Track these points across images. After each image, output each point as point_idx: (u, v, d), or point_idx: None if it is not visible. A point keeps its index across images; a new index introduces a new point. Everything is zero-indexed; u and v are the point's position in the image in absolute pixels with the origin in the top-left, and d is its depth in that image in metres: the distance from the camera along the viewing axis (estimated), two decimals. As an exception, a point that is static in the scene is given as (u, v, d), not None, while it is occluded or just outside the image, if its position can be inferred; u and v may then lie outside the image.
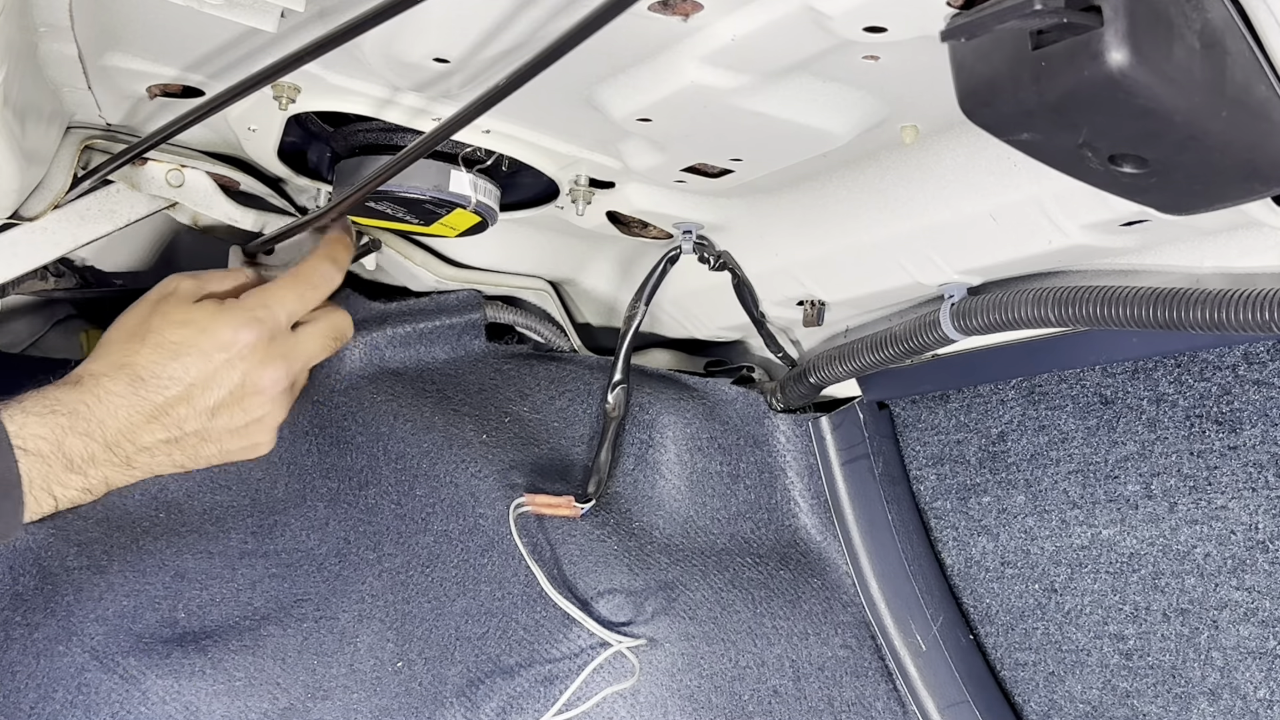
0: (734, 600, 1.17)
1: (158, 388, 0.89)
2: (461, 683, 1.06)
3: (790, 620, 1.19)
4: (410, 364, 1.25)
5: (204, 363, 0.90)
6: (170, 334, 0.91)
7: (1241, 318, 0.80)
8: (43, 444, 0.83)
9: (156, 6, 0.77)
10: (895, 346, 1.07)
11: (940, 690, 1.22)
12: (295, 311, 0.98)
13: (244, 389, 0.93)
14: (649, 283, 1.11)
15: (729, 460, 1.24)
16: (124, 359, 0.89)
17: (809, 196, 1.04)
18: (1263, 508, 0.99)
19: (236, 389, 0.92)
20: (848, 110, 0.84)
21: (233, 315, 0.93)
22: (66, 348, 1.23)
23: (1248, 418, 0.99)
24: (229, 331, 0.92)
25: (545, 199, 1.10)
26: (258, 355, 0.93)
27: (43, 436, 0.83)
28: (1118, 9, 0.58)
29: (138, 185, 1.08)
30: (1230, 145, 0.65)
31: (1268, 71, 0.65)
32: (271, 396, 0.95)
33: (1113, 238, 0.89)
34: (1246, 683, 1.03)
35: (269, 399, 0.95)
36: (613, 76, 0.83)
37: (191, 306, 0.93)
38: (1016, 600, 1.19)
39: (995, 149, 0.88)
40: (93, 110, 0.99)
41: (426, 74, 0.85)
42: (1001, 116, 0.67)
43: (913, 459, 1.27)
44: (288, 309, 0.97)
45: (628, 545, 1.15)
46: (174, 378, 0.90)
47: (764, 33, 0.73)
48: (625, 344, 1.12)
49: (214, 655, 1.03)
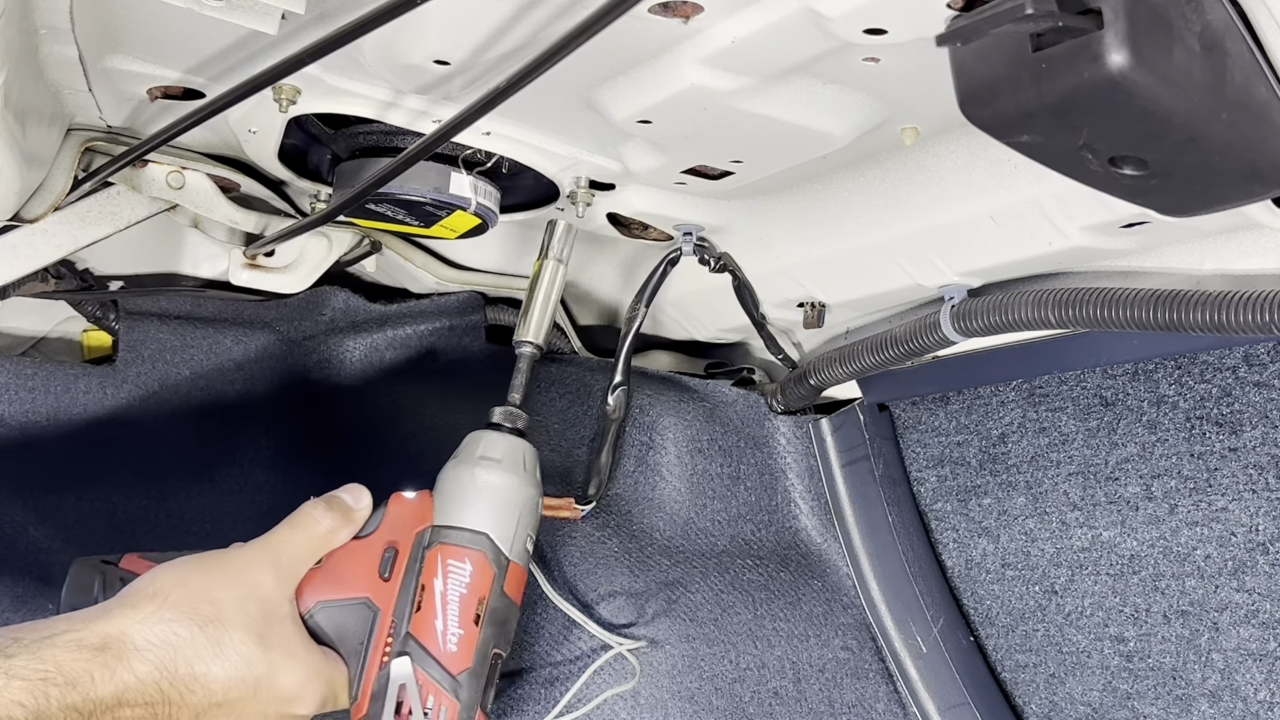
0: (735, 602, 1.17)
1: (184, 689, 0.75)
2: (462, 684, 1.06)
3: (791, 622, 1.19)
4: (411, 366, 1.25)
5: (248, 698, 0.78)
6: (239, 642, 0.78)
7: (1242, 319, 0.80)
8: (18, 712, 0.68)
9: (157, 9, 0.77)
10: (896, 348, 1.07)
11: (941, 692, 1.22)
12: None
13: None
14: (649, 284, 1.12)
15: (729, 462, 1.24)
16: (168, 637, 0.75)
17: (809, 198, 1.04)
18: (1263, 509, 0.99)
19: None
20: (848, 112, 0.84)
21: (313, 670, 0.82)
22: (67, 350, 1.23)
23: (1248, 419, 0.99)
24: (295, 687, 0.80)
25: (545, 201, 1.10)
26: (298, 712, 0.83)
27: (21, 704, 0.68)
28: (1118, 11, 0.58)
29: (138, 187, 1.08)
30: (1230, 147, 0.65)
31: (1268, 73, 0.65)
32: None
33: (1113, 239, 0.89)
34: (1247, 684, 1.03)
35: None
36: (613, 78, 0.83)
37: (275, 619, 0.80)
38: (1017, 602, 1.19)
39: (995, 151, 0.88)
40: (93, 112, 0.99)
41: (427, 76, 0.85)
42: (1001, 118, 0.67)
43: (913, 461, 1.27)
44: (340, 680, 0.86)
45: (628, 547, 1.15)
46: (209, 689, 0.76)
47: (764, 35, 0.73)
48: (626, 346, 1.12)
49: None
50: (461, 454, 0.91)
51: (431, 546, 0.87)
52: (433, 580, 0.86)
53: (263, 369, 1.21)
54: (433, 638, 0.85)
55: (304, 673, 0.80)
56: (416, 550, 0.87)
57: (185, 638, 0.75)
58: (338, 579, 0.85)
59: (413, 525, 0.88)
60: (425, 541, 0.87)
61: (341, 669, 0.84)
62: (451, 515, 0.88)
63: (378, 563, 0.87)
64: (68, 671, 0.70)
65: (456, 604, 0.86)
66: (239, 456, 1.19)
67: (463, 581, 0.86)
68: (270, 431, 1.20)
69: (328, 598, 0.85)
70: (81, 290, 1.16)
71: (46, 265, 1.07)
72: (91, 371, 1.15)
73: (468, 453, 0.90)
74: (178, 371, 1.18)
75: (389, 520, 0.88)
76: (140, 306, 1.18)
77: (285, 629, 0.80)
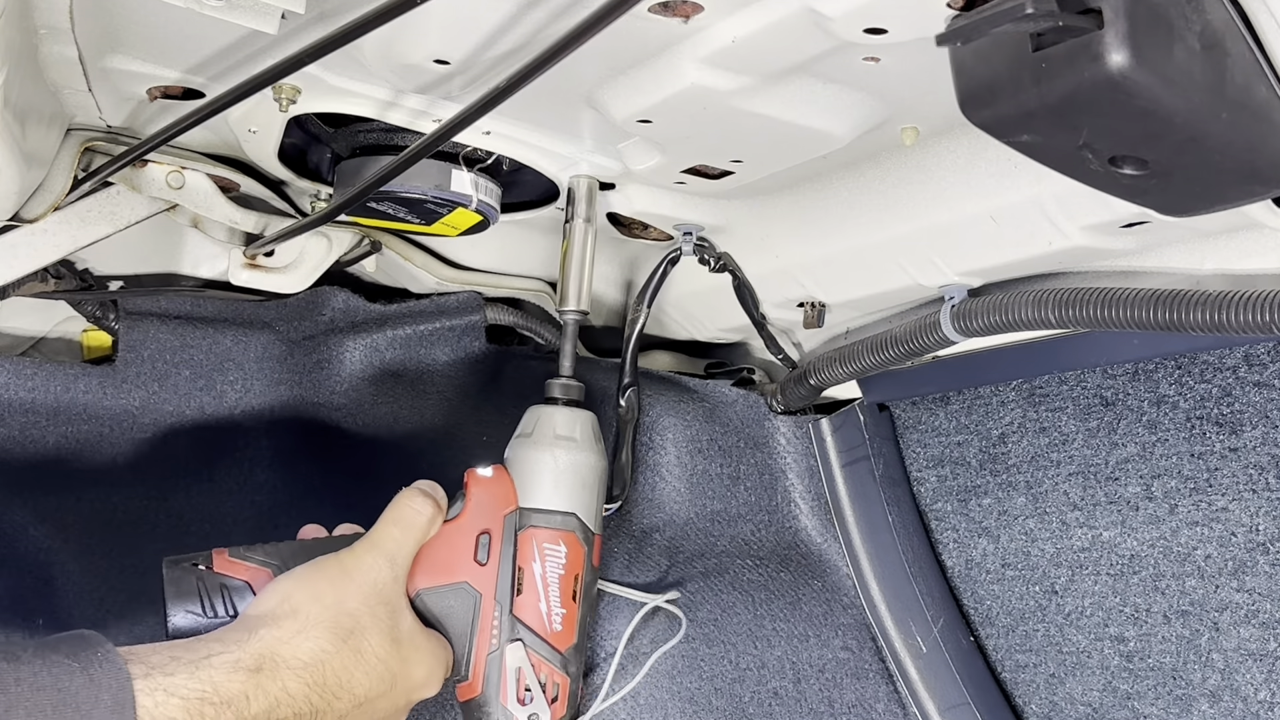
0: (734, 602, 1.17)
1: (331, 696, 0.79)
2: (462, 684, 1.06)
3: (791, 622, 1.19)
4: (411, 366, 1.25)
5: (386, 694, 0.83)
6: (375, 645, 0.82)
7: (1242, 319, 0.80)
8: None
9: (157, 9, 0.77)
10: (896, 348, 1.07)
11: (941, 692, 1.22)
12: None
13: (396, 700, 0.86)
14: (650, 284, 1.12)
15: (729, 462, 1.24)
16: (317, 654, 0.79)
17: (809, 198, 1.04)
18: (1263, 509, 0.99)
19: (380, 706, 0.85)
20: (848, 112, 0.84)
21: (437, 657, 0.88)
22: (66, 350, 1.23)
23: (1248, 419, 0.99)
24: (423, 675, 0.86)
25: (546, 200, 1.10)
26: (420, 696, 0.88)
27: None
28: (1118, 11, 0.58)
29: (138, 187, 1.08)
30: (1230, 147, 0.65)
31: (1268, 73, 0.65)
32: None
33: (1113, 239, 0.89)
34: (1247, 684, 1.03)
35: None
36: (613, 78, 0.83)
37: (400, 615, 0.85)
38: (1017, 602, 1.19)
39: (995, 150, 0.88)
40: (93, 112, 0.99)
41: (427, 76, 0.85)
42: (1002, 118, 0.67)
43: (913, 461, 1.27)
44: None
45: (628, 547, 1.15)
46: (353, 693, 0.80)
47: (764, 34, 0.73)
48: (631, 346, 1.12)
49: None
50: (535, 434, 0.96)
51: (524, 529, 0.94)
52: (530, 564, 0.93)
53: (263, 369, 1.21)
54: (539, 619, 0.93)
55: (429, 660, 0.86)
56: (509, 534, 0.93)
57: (331, 652, 0.79)
58: (438, 566, 0.90)
59: (499, 508, 0.93)
60: (516, 524, 0.93)
61: (449, 650, 0.90)
62: (539, 498, 0.94)
63: (473, 548, 0.91)
64: (224, 692, 0.72)
65: (556, 584, 0.94)
66: (239, 456, 1.19)
67: (559, 563, 0.94)
68: (270, 431, 1.20)
69: (430, 584, 0.90)
70: (81, 290, 1.16)
71: (46, 265, 1.07)
72: (91, 371, 1.15)
73: (541, 433, 0.96)
74: (178, 371, 1.17)
75: (474, 503, 0.93)
76: (140, 306, 1.18)
77: (408, 623, 0.86)
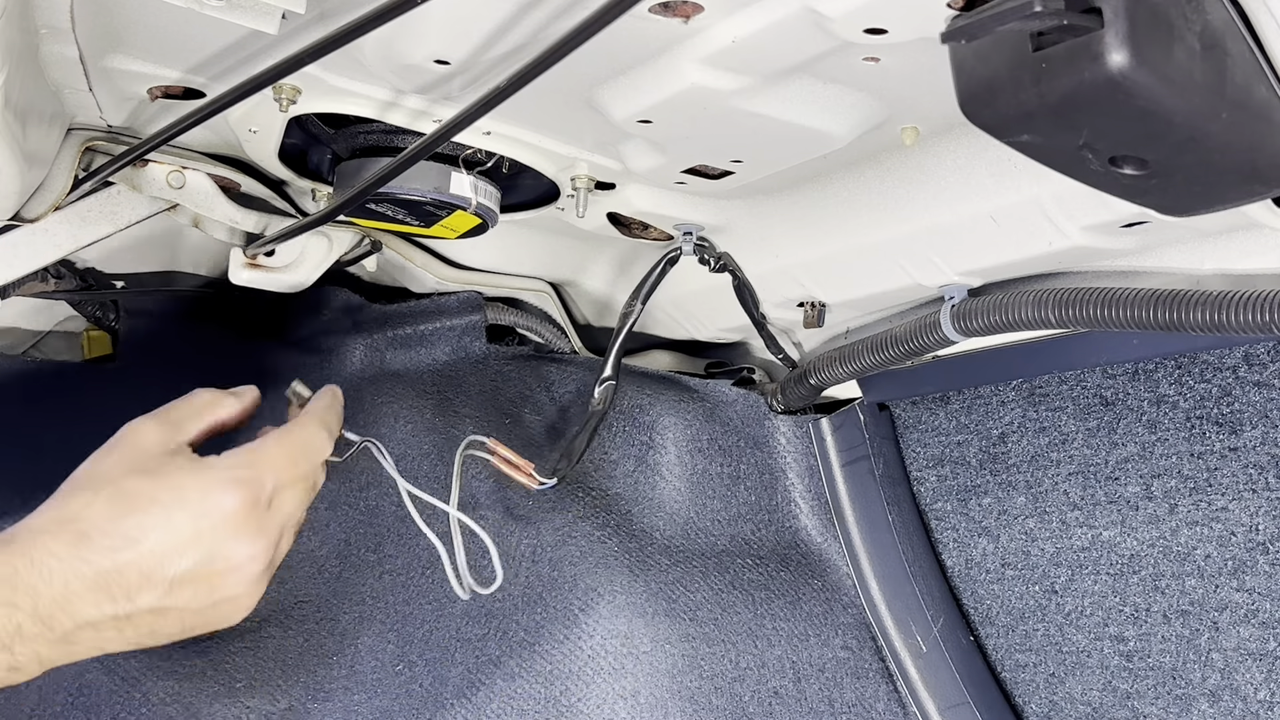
0: (734, 601, 1.17)
1: (106, 549, 0.71)
2: (462, 684, 1.06)
3: (791, 621, 1.19)
4: (411, 366, 1.25)
5: (166, 524, 0.73)
6: (129, 484, 0.74)
7: (1242, 319, 0.80)
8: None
9: (157, 9, 0.77)
10: (896, 348, 1.07)
11: (941, 692, 1.22)
12: (284, 481, 0.80)
13: (214, 564, 0.75)
14: (647, 282, 1.11)
15: (729, 462, 1.24)
16: (70, 512, 0.73)
17: (809, 198, 1.04)
18: (1263, 509, 0.99)
19: (204, 562, 0.75)
20: (848, 112, 0.84)
21: (209, 474, 0.76)
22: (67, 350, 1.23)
23: (1248, 419, 0.99)
24: (200, 494, 0.75)
25: (546, 200, 1.10)
26: (232, 525, 0.75)
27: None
28: (1118, 10, 0.58)
29: (139, 187, 1.08)
30: (1230, 147, 0.65)
31: (1268, 73, 0.65)
32: (249, 575, 0.77)
33: (1113, 239, 0.89)
34: (1247, 684, 1.03)
35: (245, 578, 0.77)
36: (613, 78, 0.83)
37: (160, 456, 0.77)
38: (1017, 601, 1.19)
39: (995, 150, 0.88)
40: (94, 112, 0.99)
41: (427, 76, 0.85)
42: (1002, 118, 0.67)
43: (913, 460, 1.27)
44: (276, 475, 0.79)
45: (628, 547, 1.15)
46: (127, 537, 0.72)
47: (765, 34, 0.73)
48: (618, 342, 1.11)
49: (214, 657, 1.03)
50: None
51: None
52: None
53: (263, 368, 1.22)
54: None
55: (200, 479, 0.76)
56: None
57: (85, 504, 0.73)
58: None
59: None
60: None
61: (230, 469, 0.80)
62: None
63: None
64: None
65: None
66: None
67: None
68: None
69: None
70: (82, 290, 1.16)
71: (47, 265, 1.07)
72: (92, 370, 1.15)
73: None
74: (178, 371, 1.18)
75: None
76: (140, 306, 1.18)
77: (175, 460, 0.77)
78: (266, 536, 0.77)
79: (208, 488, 0.75)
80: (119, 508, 0.73)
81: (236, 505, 0.75)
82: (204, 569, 0.74)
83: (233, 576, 0.76)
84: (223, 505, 0.75)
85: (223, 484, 0.76)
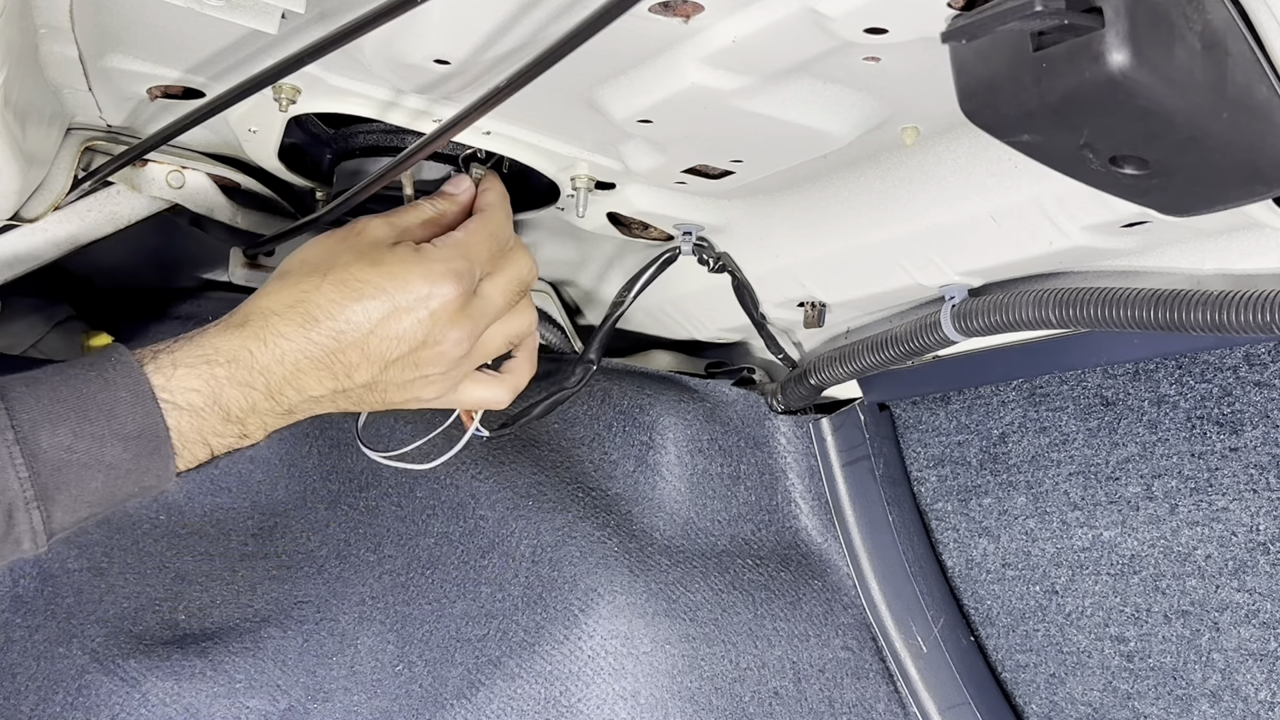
0: (735, 602, 1.17)
1: (332, 332, 0.79)
2: (462, 684, 1.06)
3: (791, 622, 1.19)
4: (411, 365, 1.24)
5: (388, 309, 0.80)
6: (355, 271, 0.80)
7: (1242, 319, 0.80)
8: (195, 397, 0.75)
9: (157, 8, 0.77)
10: (896, 348, 1.06)
11: (941, 692, 1.22)
12: (488, 265, 0.86)
13: (425, 346, 0.82)
14: (640, 277, 1.11)
15: (730, 462, 1.24)
16: (299, 295, 0.79)
17: (810, 198, 1.04)
18: (1264, 509, 0.99)
19: (418, 346, 0.82)
20: (848, 112, 0.84)
21: (431, 265, 0.82)
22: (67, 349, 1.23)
23: (1249, 419, 0.99)
24: (424, 284, 0.81)
25: (546, 200, 1.10)
26: (448, 313, 0.82)
27: (195, 389, 0.75)
28: (1119, 10, 0.58)
29: (138, 186, 1.08)
30: (1231, 146, 0.65)
31: (1269, 72, 0.64)
32: (451, 359, 0.84)
33: (1114, 239, 0.89)
34: (1247, 684, 1.03)
35: (448, 361, 0.83)
36: (613, 78, 0.83)
37: (385, 248, 0.82)
38: (1017, 602, 1.19)
39: (996, 150, 0.88)
40: (93, 111, 0.99)
41: (427, 76, 0.85)
42: (1002, 118, 0.67)
43: (914, 460, 1.27)
44: (484, 261, 0.85)
45: (628, 547, 1.15)
46: (352, 322, 0.79)
47: (765, 34, 0.73)
48: (604, 328, 1.11)
49: (214, 657, 1.03)
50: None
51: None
52: None
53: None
54: None
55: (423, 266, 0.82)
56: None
57: (310, 289, 0.79)
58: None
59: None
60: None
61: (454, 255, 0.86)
62: None
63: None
64: (226, 350, 0.76)
65: None
66: (239, 456, 1.19)
67: None
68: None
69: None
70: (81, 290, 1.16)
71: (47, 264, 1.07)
72: (91, 371, 1.15)
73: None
74: None
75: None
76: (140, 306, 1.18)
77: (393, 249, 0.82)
78: (473, 322, 0.84)
79: (431, 277, 0.81)
80: (346, 293, 0.79)
81: (454, 294, 0.82)
82: (415, 349, 0.81)
83: (436, 357, 0.83)
84: (444, 293, 0.81)
85: (444, 275, 0.81)
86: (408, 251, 0.82)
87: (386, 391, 0.84)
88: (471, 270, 0.84)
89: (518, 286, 0.89)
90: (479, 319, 0.85)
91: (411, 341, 0.81)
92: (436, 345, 0.82)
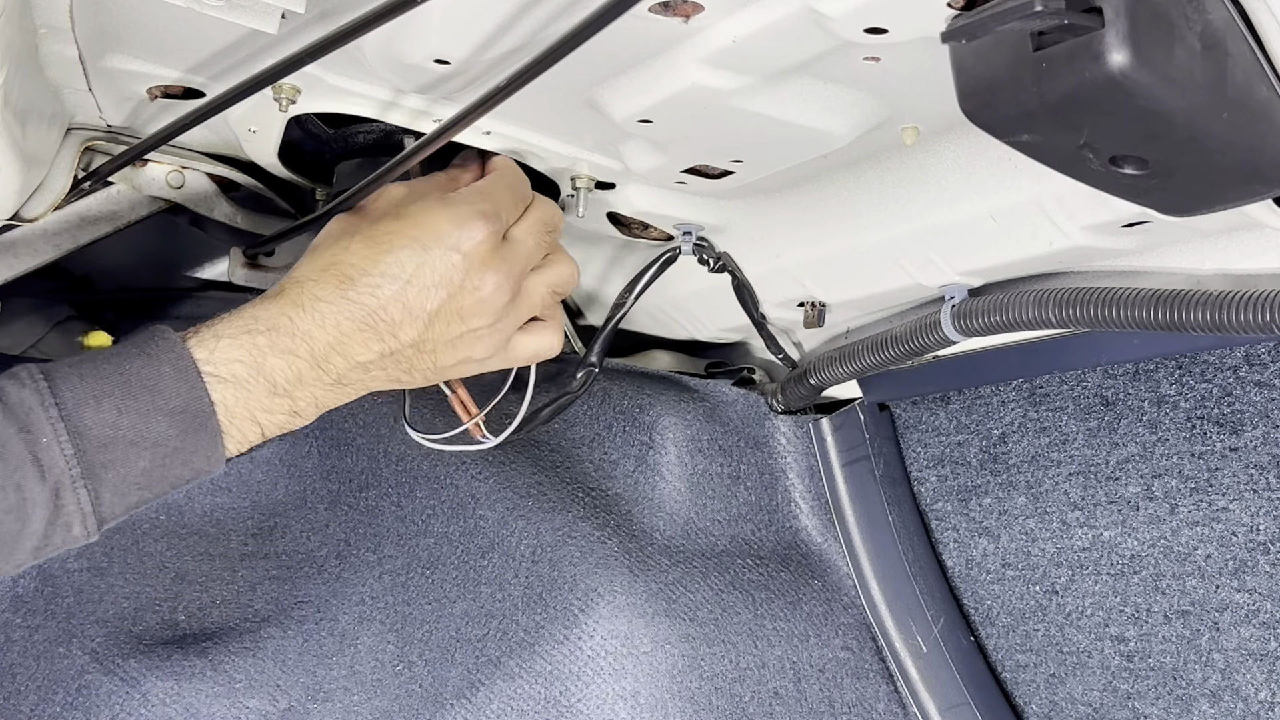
0: (735, 602, 1.17)
1: (369, 287, 0.78)
2: (462, 684, 1.06)
3: (791, 622, 1.19)
4: (411, 365, 1.25)
5: (421, 256, 0.79)
6: (382, 226, 0.80)
7: (1243, 319, 0.80)
8: (239, 368, 0.75)
9: (157, 8, 0.77)
10: (896, 348, 1.06)
11: (941, 692, 1.22)
12: (513, 213, 0.85)
13: (464, 293, 0.80)
14: (641, 278, 1.11)
15: (730, 462, 1.24)
16: (331, 259, 0.79)
17: (810, 198, 1.04)
18: (1264, 509, 0.99)
19: (456, 292, 0.80)
20: (848, 111, 0.84)
21: (457, 209, 0.81)
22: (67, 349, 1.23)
23: (1249, 419, 0.99)
24: (452, 226, 0.80)
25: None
26: (481, 255, 0.81)
27: (239, 360, 0.75)
28: (1119, 10, 0.58)
29: (138, 186, 1.08)
30: (1231, 146, 0.65)
31: (1269, 73, 0.65)
32: (495, 308, 0.82)
33: (1114, 239, 0.89)
34: (1248, 684, 1.03)
35: (492, 310, 0.82)
36: (613, 78, 0.83)
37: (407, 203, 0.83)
38: (1017, 602, 1.19)
39: (996, 150, 0.88)
40: (93, 111, 0.99)
41: (427, 76, 0.85)
42: (1002, 118, 0.67)
43: (913, 460, 1.27)
44: (509, 208, 0.84)
45: (628, 547, 1.15)
46: (387, 274, 0.78)
47: (765, 34, 0.73)
48: (606, 329, 1.11)
49: (214, 657, 1.03)
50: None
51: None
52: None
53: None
54: None
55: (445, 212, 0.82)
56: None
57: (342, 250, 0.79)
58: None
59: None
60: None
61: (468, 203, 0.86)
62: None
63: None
64: (265, 319, 0.76)
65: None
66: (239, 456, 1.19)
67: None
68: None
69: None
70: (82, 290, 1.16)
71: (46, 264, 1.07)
72: (91, 371, 1.15)
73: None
74: None
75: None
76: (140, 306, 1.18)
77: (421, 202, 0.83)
78: (508, 265, 0.83)
79: (459, 220, 0.80)
80: (376, 248, 0.79)
81: (484, 235, 0.81)
82: (455, 298, 0.80)
83: (478, 305, 0.81)
84: (474, 235, 0.80)
85: (471, 217, 0.81)
86: (432, 200, 0.82)
87: (436, 352, 0.82)
88: (497, 213, 0.83)
89: (546, 227, 0.87)
90: (514, 262, 0.83)
91: (449, 286, 0.80)
92: (476, 291, 0.81)
